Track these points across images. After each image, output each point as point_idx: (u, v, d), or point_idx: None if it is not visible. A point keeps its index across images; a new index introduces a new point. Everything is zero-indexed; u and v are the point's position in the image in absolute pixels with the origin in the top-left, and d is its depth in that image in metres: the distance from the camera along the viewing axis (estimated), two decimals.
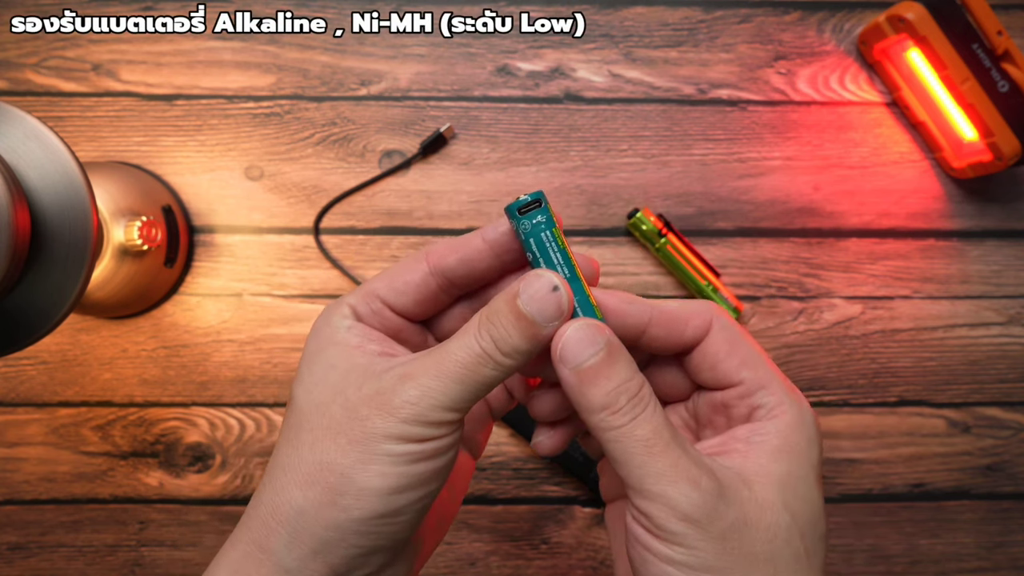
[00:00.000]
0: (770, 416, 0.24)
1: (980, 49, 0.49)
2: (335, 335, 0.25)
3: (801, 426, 0.24)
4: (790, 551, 0.23)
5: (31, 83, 0.53)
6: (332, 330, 0.25)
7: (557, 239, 0.24)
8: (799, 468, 0.24)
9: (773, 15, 0.55)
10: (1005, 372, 0.55)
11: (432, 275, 0.26)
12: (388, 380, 0.23)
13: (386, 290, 0.25)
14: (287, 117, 0.53)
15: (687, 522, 0.22)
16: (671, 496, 0.22)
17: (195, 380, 0.53)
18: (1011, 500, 0.54)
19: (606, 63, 0.54)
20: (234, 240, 0.53)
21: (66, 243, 0.36)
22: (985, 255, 0.55)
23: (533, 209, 0.24)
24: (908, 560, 0.54)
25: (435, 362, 0.23)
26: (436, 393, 0.23)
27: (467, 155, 0.54)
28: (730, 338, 0.25)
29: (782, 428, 0.24)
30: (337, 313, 0.25)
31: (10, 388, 0.53)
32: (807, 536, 0.23)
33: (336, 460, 0.23)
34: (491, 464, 0.53)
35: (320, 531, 0.23)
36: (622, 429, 0.23)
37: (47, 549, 0.53)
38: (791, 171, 0.54)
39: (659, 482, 0.22)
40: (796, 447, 0.24)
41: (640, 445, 0.22)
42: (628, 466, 0.23)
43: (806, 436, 0.24)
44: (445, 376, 0.23)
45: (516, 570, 0.53)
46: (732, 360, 0.25)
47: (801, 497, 0.23)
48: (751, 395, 0.25)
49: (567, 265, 0.24)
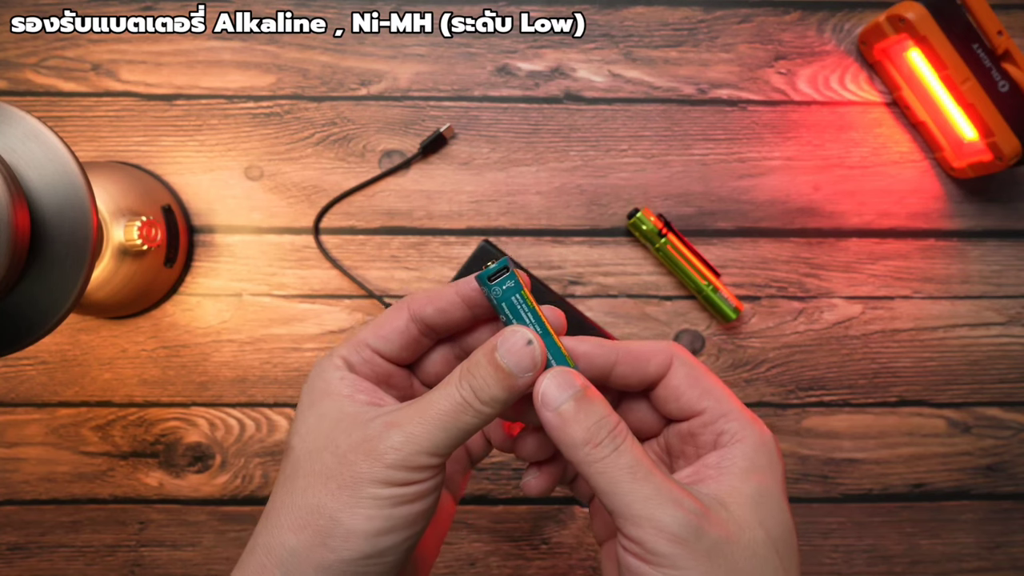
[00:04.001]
0: (734, 441, 0.26)
1: (980, 49, 0.49)
2: (328, 386, 0.26)
3: (763, 447, 0.26)
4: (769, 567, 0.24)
5: (31, 83, 0.53)
6: (325, 382, 0.27)
7: (526, 301, 0.26)
8: (767, 487, 0.25)
9: (773, 15, 0.55)
10: (1005, 372, 0.55)
11: (413, 322, 0.28)
12: (375, 428, 0.25)
13: (374, 338, 0.27)
14: (287, 117, 0.53)
15: (675, 542, 0.23)
16: (658, 518, 0.23)
17: (195, 380, 0.53)
18: (1011, 500, 0.54)
19: (606, 63, 0.54)
20: (234, 240, 0.53)
21: (66, 243, 0.36)
22: (985, 255, 0.55)
23: (502, 276, 0.26)
24: (908, 560, 0.54)
25: (419, 411, 0.25)
26: (419, 439, 0.24)
27: (467, 155, 0.54)
28: (690, 372, 0.27)
29: (747, 451, 0.26)
30: (330, 365, 0.27)
31: (10, 388, 0.53)
32: (782, 552, 0.25)
33: (326, 504, 0.24)
34: (491, 464, 0.53)
35: (311, 571, 0.24)
36: (606, 460, 0.24)
37: (47, 549, 0.53)
38: (791, 171, 0.54)
39: (647, 506, 0.24)
40: (762, 468, 0.26)
41: (624, 472, 0.24)
42: (615, 495, 0.24)
43: (769, 457, 0.26)
44: (428, 423, 0.25)
45: (516, 570, 0.53)
46: (694, 391, 0.27)
47: (773, 514, 0.25)
48: (714, 422, 0.27)
49: (538, 323, 0.26)
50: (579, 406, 0.25)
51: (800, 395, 0.54)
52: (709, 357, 0.54)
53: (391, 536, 0.24)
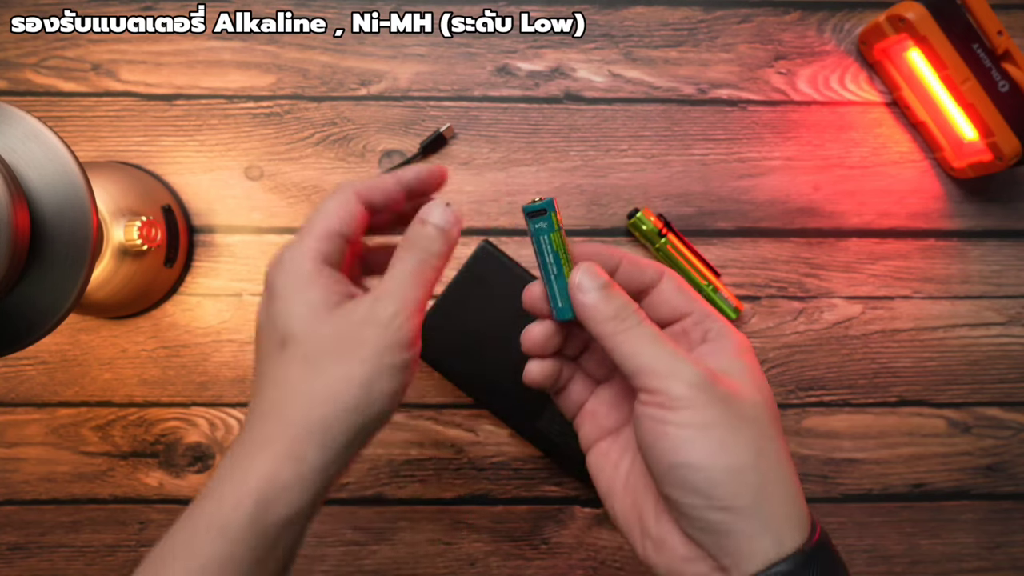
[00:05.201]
0: (720, 336, 0.31)
1: (980, 49, 0.49)
2: (310, 277, 0.30)
3: (743, 342, 0.32)
4: (768, 415, 0.29)
5: (31, 83, 0.53)
6: (307, 273, 0.30)
7: (552, 243, 0.31)
8: (756, 366, 0.31)
9: (773, 15, 0.55)
10: (1005, 372, 0.55)
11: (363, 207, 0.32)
12: (368, 304, 0.30)
13: (340, 226, 0.31)
14: (287, 117, 0.53)
15: (693, 388, 0.28)
16: (680, 370, 0.28)
17: (195, 380, 0.53)
18: (1011, 500, 0.54)
19: (606, 63, 0.54)
20: (234, 240, 0.53)
21: (66, 243, 0.36)
22: (985, 255, 0.55)
23: (539, 215, 0.31)
24: (908, 560, 0.54)
25: (395, 282, 0.31)
26: (409, 302, 0.30)
27: (467, 155, 0.54)
28: (679, 284, 0.33)
29: (733, 342, 0.31)
30: (306, 257, 0.31)
31: (10, 388, 0.53)
32: (774, 416, 0.30)
33: (356, 374, 0.29)
34: (491, 464, 0.53)
35: (341, 436, 0.29)
36: (631, 330, 0.30)
37: (47, 549, 0.53)
38: (791, 171, 0.54)
39: (669, 361, 0.29)
40: (748, 351, 0.32)
41: (648, 338, 0.29)
42: (639, 355, 0.29)
43: (747, 342, 0.32)
44: (409, 287, 0.30)
45: (516, 570, 0.53)
46: (682, 297, 0.32)
47: (764, 387, 0.30)
48: (702, 321, 0.32)
49: (556, 264, 0.31)
50: (606, 292, 0.30)
51: (800, 395, 0.54)
52: None
53: (405, 388, 0.30)
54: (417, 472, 0.53)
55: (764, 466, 0.28)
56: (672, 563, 0.29)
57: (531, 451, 0.53)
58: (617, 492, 0.33)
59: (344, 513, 0.53)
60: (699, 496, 0.27)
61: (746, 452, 0.28)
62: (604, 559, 0.53)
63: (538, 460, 0.53)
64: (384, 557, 0.53)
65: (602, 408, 0.35)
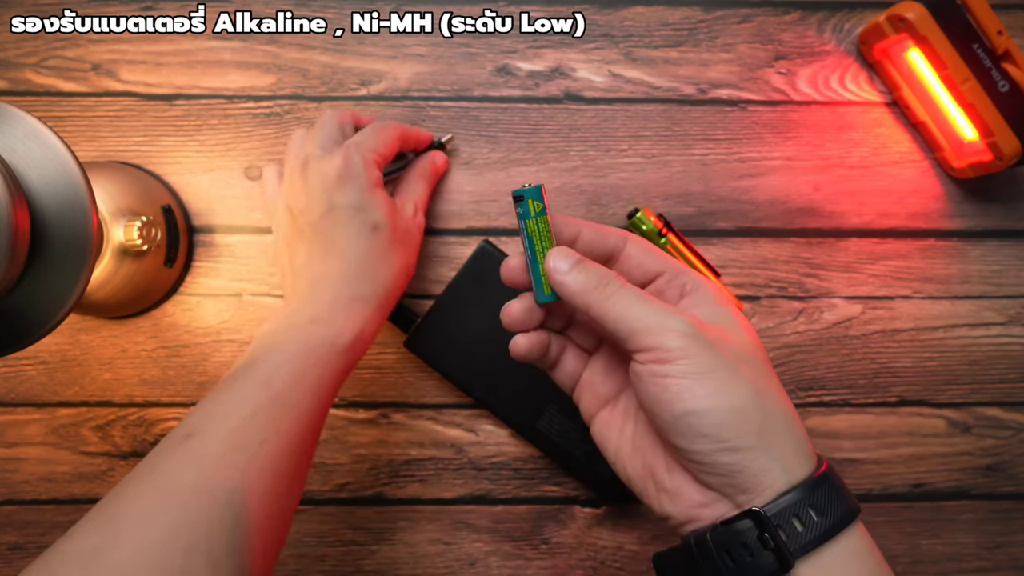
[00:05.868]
0: (697, 288, 0.33)
1: (980, 49, 0.49)
2: (375, 179, 0.44)
3: (720, 291, 0.33)
4: (759, 356, 0.31)
5: (31, 83, 0.53)
6: (374, 178, 0.44)
7: (527, 228, 0.33)
8: (737, 312, 0.32)
9: (773, 15, 0.55)
10: (1005, 372, 0.55)
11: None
12: (405, 207, 0.47)
13: (387, 149, 0.45)
14: (287, 117, 0.53)
15: (686, 337, 0.29)
16: (671, 323, 0.30)
17: (195, 380, 0.53)
18: (1011, 500, 0.54)
19: (606, 63, 0.54)
20: (234, 240, 0.53)
21: (66, 243, 0.36)
22: (985, 255, 0.55)
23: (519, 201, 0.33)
24: (909, 560, 0.54)
25: (414, 183, 0.49)
26: (423, 203, 0.50)
27: (467, 155, 0.54)
28: (645, 246, 0.34)
29: (711, 292, 0.33)
30: (371, 166, 0.43)
31: (10, 388, 0.53)
32: (762, 353, 0.32)
33: (412, 261, 0.47)
34: (491, 464, 0.53)
35: (394, 299, 0.45)
36: (616, 295, 0.31)
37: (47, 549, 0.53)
38: (791, 171, 0.54)
39: (658, 317, 0.30)
40: (725, 297, 0.33)
41: (634, 299, 0.31)
42: (628, 317, 0.30)
43: (727, 296, 0.34)
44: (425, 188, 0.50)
45: (516, 570, 0.53)
46: (650, 258, 0.34)
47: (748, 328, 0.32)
48: (675, 278, 0.33)
49: (531, 249, 0.33)
50: (581, 267, 0.32)
51: (800, 395, 0.54)
52: None
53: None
54: (417, 472, 0.53)
55: (765, 403, 0.29)
56: (690, 511, 0.30)
57: (531, 451, 0.53)
58: (626, 455, 0.34)
59: (344, 513, 0.53)
60: (708, 441, 0.29)
61: (746, 392, 0.29)
62: (604, 559, 0.53)
63: (538, 460, 0.53)
64: (384, 557, 0.53)
65: (597, 378, 0.36)
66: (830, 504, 0.28)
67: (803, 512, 0.28)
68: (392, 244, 0.43)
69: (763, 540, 0.28)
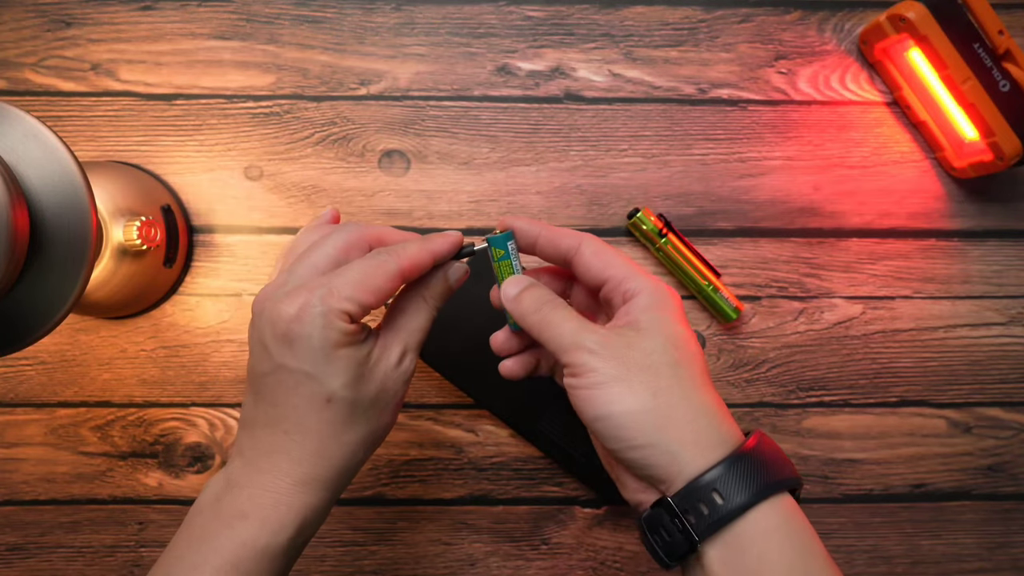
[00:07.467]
0: (635, 293, 0.35)
1: (981, 48, 0.48)
2: (340, 338, 0.33)
3: (657, 291, 0.35)
4: (665, 360, 0.33)
5: (30, 83, 0.53)
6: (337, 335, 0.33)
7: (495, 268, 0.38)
8: (664, 312, 0.35)
9: (773, 14, 0.55)
10: (1006, 372, 0.54)
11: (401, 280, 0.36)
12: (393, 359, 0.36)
13: (373, 300, 0.34)
14: (286, 117, 0.53)
15: (593, 353, 0.33)
16: (582, 340, 0.33)
17: (194, 380, 0.53)
18: (1012, 501, 0.54)
19: (606, 63, 0.54)
20: (234, 240, 0.53)
21: (65, 243, 0.36)
22: (986, 255, 0.55)
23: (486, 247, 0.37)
24: (909, 561, 0.54)
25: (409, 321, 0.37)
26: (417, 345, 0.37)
27: (467, 155, 0.54)
28: (596, 250, 0.36)
29: (645, 296, 0.35)
30: (336, 319, 0.33)
31: (9, 388, 0.53)
32: (680, 349, 0.34)
33: (386, 422, 0.36)
34: (491, 464, 0.53)
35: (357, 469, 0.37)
36: (546, 315, 0.35)
37: (46, 550, 0.53)
38: (792, 171, 0.54)
39: (575, 334, 0.34)
40: (659, 303, 0.35)
41: (559, 317, 0.35)
42: (554, 337, 0.34)
43: (662, 296, 0.35)
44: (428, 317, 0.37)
45: (516, 570, 0.53)
46: (598, 263, 0.36)
47: (669, 327, 0.34)
48: (619, 285, 0.35)
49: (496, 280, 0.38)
50: (526, 292, 0.36)
51: (801, 395, 0.54)
52: (710, 357, 0.54)
53: None
54: (417, 472, 0.53)
55: (663, 404, 0.32)
56: (635, 496, 0.34)
57: (531, 451, 0.53)
58: (599, 451, 0.37)
59: (344, 513, 0.53)
60: (617, 441, 0.32)
61: (642, 397, 0.32)
62: (604, 559, 0.53)
63: (538, 460, 0.53)
64: (384, 557, 0.53)
65: None
66: (739, 484, 0.31)
67: (707, 496, 0.31)
68: (352, 417, 0.34)
69: (675, 524, 0.32)
